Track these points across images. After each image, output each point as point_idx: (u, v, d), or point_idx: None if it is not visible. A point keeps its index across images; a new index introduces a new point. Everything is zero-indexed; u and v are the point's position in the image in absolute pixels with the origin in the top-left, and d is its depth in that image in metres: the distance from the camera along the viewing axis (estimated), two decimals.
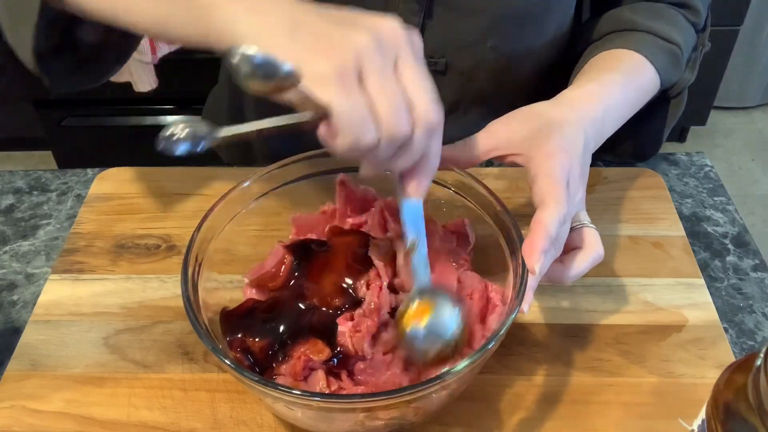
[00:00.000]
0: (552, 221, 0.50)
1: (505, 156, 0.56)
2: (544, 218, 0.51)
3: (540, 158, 0.53)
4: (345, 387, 0.51)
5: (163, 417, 0.56)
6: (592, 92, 0.62)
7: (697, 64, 0.76)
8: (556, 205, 0.51)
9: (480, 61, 0.76)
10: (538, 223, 0.51)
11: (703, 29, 0.76)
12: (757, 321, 0.63)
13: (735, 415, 0.42)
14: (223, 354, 0.48)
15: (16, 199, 0.75)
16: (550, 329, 0.61)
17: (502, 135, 0.56)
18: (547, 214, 0.51)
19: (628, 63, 0.68)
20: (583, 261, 0.55)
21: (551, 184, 0.52)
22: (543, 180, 0.52)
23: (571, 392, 0.57)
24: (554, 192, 0.51)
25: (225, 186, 0.59)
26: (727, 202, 0.75)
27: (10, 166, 2.07)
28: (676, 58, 0.71)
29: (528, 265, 0.50)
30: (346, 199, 0.62)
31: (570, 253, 0.55)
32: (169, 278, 0.66)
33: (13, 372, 0.59)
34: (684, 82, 0.73)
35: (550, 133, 0.54)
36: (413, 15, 0.72)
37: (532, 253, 0.50)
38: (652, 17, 0.72)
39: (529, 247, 0.50)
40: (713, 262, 0.68)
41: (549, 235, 0.50)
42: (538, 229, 0.50)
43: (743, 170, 2.10)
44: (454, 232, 0.60)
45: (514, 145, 0.56)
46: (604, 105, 0.61)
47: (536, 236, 0.50)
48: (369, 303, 0.52)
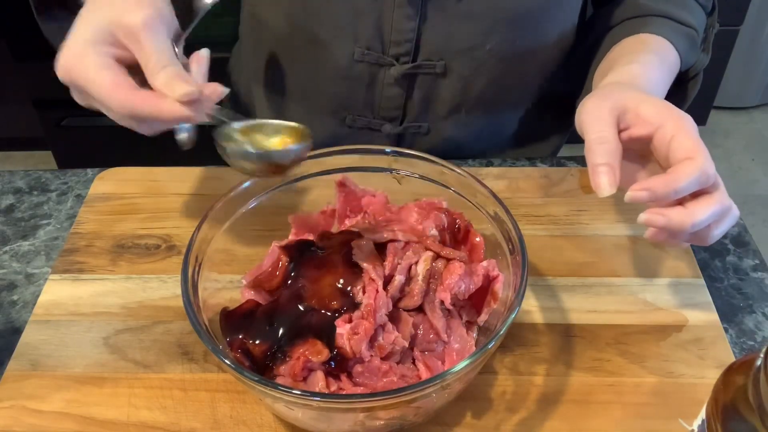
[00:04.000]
0: (706, 166, 0.52)
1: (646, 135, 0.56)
2: (697, 163, 0.52)
3: (673, 121, 0.54)
4: (344, 387, 0.51)
5: (163, 417, 0.56)
6: (639, 73, 0.64)
7: (710, 45, 0.77)
8: (704, 158, 0.52)
9: (479, 64, 0.76)
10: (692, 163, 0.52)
11: (712, 11, 0.78)
12: (757, 321, 0.63)
13: (735, 415, 0.42)
14: (223, 354, 0.48)
15: (16, 199, 0.75)
16: (550, 329, 0.61)
17: (650, 113, 0.56)
18: (697, 162, 0.52)
19: (657, 46, 0.70)
20: (710, 204, 0.53)
21: (693, 140, 0.53)
22: (684, 138, 0.53)
23: (571, 392, 0.57)
24: (699, 147, 0.53)
25: (225, 186, 0.59)
26: None
27: (10, 166, 2.07)
28: (693, 41, 0.73)
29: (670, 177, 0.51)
30: (345, 199, 0.62)
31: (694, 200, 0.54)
32: (169, 278, 0.66)
33: (13, 372, 0.59)
34: (701, 64, 0.76)
35: (664, 102, 0.56)
36: (408, 20, 0.72)
37: (677, 178, 0.51)
38: (665, 2, 0.73)
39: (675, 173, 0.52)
40: (713, 262, 0.68)
41: (706, 172, 0.52)
42: (689, 167, 0.52)
43: (743, 170, 2.10)
44: None
45: (656, 120, 0.55)
46: (652, 84, 0.63)
47: (684, 170, 0.52)
48: (366, 305, 0.52)
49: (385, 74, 0.77)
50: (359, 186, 0.62)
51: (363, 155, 0.62)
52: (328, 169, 0.62)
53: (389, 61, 0.75)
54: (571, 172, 0.76)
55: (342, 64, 0.77)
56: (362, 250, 0.54)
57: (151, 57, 0.53)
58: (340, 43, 0.76)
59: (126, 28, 0.54)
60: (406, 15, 0.72)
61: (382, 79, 0.77)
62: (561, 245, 0.68)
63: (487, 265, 0.56)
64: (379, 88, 0.79)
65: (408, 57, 0.75)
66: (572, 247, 0.68)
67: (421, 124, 0.82)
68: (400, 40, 0.74)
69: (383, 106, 0.80)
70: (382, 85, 0.78)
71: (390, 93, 0.79)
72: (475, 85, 0.78)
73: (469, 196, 0.60)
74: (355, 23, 0.74)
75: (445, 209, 0.59)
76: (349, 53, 0.76)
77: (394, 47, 0.75)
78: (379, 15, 0.73)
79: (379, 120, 0.82)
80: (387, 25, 0.73)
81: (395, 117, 0.81)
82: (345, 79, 0.79)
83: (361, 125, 0.82)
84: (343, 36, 0.75)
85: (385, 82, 0.77)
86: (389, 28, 0.73)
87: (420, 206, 0.59)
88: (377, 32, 0.74)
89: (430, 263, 0.55)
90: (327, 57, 0.78)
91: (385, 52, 0.75)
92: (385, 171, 0.63)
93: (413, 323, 0.54)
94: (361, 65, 0.77)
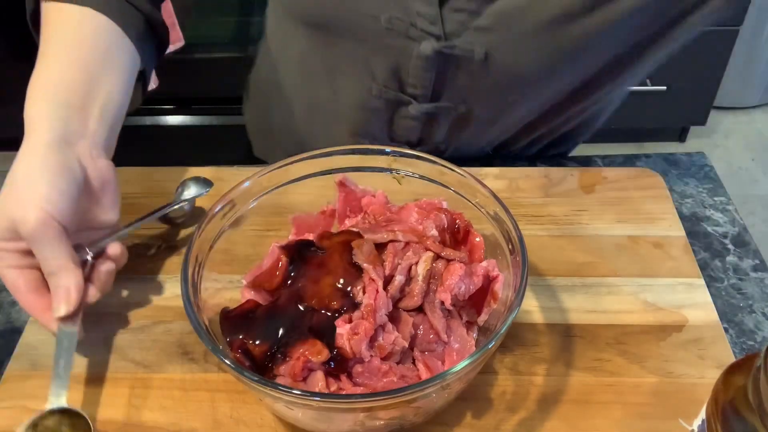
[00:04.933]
0: None
1: None
2: None
3: None
4: (344, 387, 0.51)
5: (163, 417, 0.56)
6: None
7: None
8: None
9: (501, 112, 0.75)
10: None
11: None
12: (757, 321, 0.63)
13: (735, 415, 0.42)
14: (223, 354, 0.48)
15: None
16: (550, 329, 0.61)
17: None
18: None
19: None
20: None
21: None
22: None
23: (571, 392, 0.57)
24: None
25: (225, 186, 0.59)
26: (727, 202, 0.75)
27: (10, 166, 2.06)
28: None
29: None
30: (345, 199, 0.62)
31: None
32: (169, 278, 0.66)
33: (13, 372, 0.59)
34: None
35: None
36: (425, 71, 0.71)
37: None
38: None
39: None
40: (713, 262, 0.68)
41: None
42: None
43: (743, 170, 2.10)
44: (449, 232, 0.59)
45: None
46: None
47: None
48: (366, 305, 0.52)
49: (403, 110, 0.76)
50: (359, 186, 0.62)
51: (363, 155, 0.62)
52: (328, 169, 0.62)
53: (407, 100, 0.74)
54: (571, 172, 0.76)
55: (359, 97, 0.76)
56: (362, 250, 0.54)
57: (46, 261, 0.56)
58: (357, 77, 0.75)
59: (25, 235, 0.55)
60: (423, 68, 0.70)
61: (400, 113, 0.76)
62: (561, 245, 0.68)
63: (487, 265, 0.56)
64: (396, 120, 0.78)
65: (426, 98, 0.74)
66: (572, 247, 0.68)
67: (442, 151, 0.81)
68: (417, 85, 0.72)
69: (400, 134, 0.80)
70: (399, 118, 0.77)
71: (407, 126, 0.78)
72: (497, 127, 0.77)
73: (469, 196, 0.60)
74: (372, 62, 0.73)
75: (445, 209, 0.59)
76: (366, 88, 0.75)
77: (411, 88, 0.73)
78: (396, 61, 0.72)
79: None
80: (404, 71, 0.72)
81: (412, 143, 0.81)
82: (362, 109, 0.78)
83: None
84: (359, 71, 0.74)
85: (403, 116, 0.76)
86: (406, 74, 0.72)
87: (420, 206, 0.59)
88: (394, 75, 0.73)
89: (430, 264, 0.55)
90: (345, 86, 0.77)
91: (403, 91, 0.74)
92: (385, 171, 0.63)
93: (413, 323, 0.54)
94: (379, 100, 0.76)
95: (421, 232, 0.57)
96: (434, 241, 0.56)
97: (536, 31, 0.64)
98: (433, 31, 0.66)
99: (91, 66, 0.62)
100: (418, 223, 0.57)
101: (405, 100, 0.74)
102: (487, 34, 0.65)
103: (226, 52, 1.73)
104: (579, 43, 0.66)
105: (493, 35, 0.65)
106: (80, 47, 0.62)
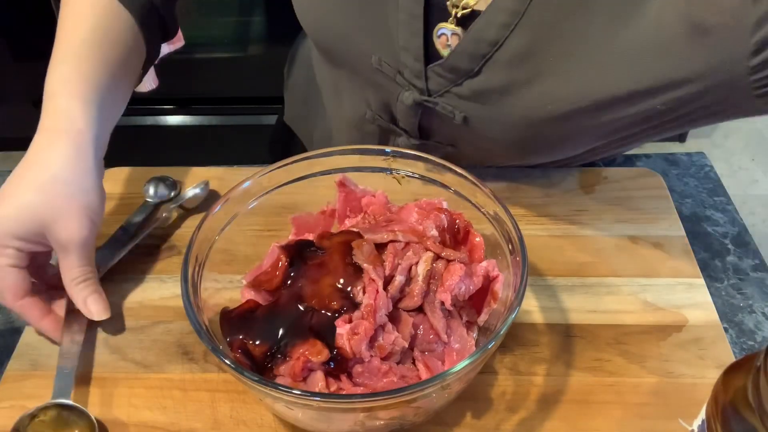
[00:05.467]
0: None
1: None
2: None
3: None
4: (344, 387, 0.51)
5: (163, 417, 0.56)
6: None
7: None
8: None
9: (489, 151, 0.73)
10: None
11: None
12: (757, 321, 0.63)
13: (735, 415, 0.42)
14: (223, 354, 0.48)
15: None
16: (550, 329, 0.62)
17: None
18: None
19: None
20: None
21: None
22: None
23: (571, 392, 0.57)
24: None
25: (225, 186, 0.59)
26: (727, 202, 0.75)
27: (10, 166, 2.07)
28: None
29: None
30: (345, 199, 0.62)
31: None
32: (169, 278, 0.66)
33: (13, 372, 0.59)
34: None
35: None
36: (410, 116, 0.70)
37: None
38: None
39: None
40: (713, 262, 0.68)
41: None
42: None
43: (743, 170, 2.10)
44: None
45: None
46: None
47: None
48: (366, 305, 0.52)
49: (395, 140, 0.76)
50: (359, 186, 0.62)
51: (363, 155, 0.62)
52: (328, 169, 0.62)
53: (398, 132, 0.74)
54: (571, 172, 0.76)
55: (356, 119, 0.77)
56: (362, 251, 0.54)
57: (74, 269, 0.56)
58: (356, 100, 0.76)
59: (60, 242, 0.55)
60: (408, 112, 0.70)
61: (394, 141, 0.76)
62: (561, 245, 0.68)
63: (487, 265, 0.56)
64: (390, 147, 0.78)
65: (416, 135, 0.73)
66: (572, 247, 0.68)
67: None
68: (406, 124, 0.72)
69: None
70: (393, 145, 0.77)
71: None
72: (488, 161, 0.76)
73: (469, 196, 0.60)
74: (367, 92, 0.73)
75: (445, 209, 0.59)
76: (363, 112, 0.75)
77: (402, 122, 0.73)
78: (387, 97, 0.72)
79: None
80: (393, 107, 0.72)
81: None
82: (359, 130, 0.78)
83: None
84: (358, 96, 0.75)
85: (396, 144, 0.76)
86: (395, 110, 0.72)
87: (420, 206, 0.59)
88: (385, 108, 0.73)
89: (430, 264, 0.55)
90: (346, 105, 0.78)
91: (395, 123, 0.74)
92: (385, 171, 0.63)
93: (413, 323, 0.54)
94: (373, 125, 0.76)
95: (421, 232, 0.57)
96: (434, 241, 0.56)
97: (512, 120, 0.64)
98: (417, 84, 0.66)
99: (116, 69, 0.62)
100: (418, 223, 0.57)
101: (396, 132, 0.74)
102: (466, 102, 0.65)
103: (226, 52, 1.73)
104: (556, 137, 0.65)
105: (471, 105, 0.65)
106: (110, 47, 0.62)
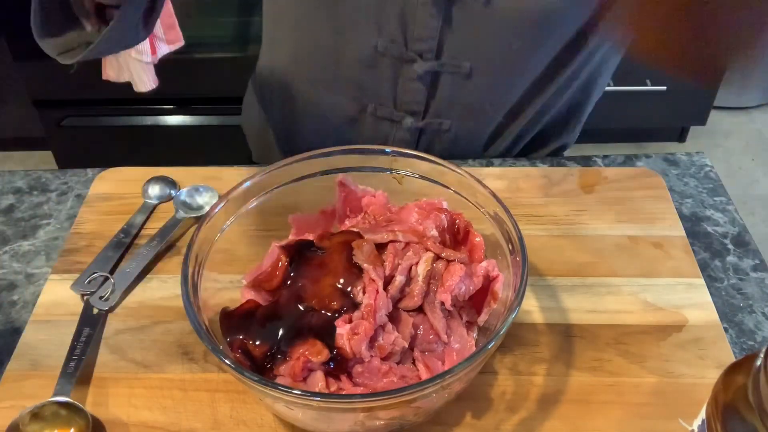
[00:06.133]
0: None
1: None
2: None
3: None
4: (344, 387, 0.51)
5: (163, 417, 0.56)
6: None
7: None
8: None
9: (505, 65, 0.75)
10: None
11: None
12: (757, 321, 0.63)
13: (735, 415, 0.42)
14: (223, 354, 0.48)
15: (16, 199, 0.75)
16: (550, 329, 0.62)
17: None
18: None
19: None
20: None
21: None
22: None
23: (571, 392, 0.57)
24: None
25: (225, 186, 0.59)
26: (727, 202, 0.75)
27: (10, 166, 2.07)
28: None
29: None
30: (345, 199, 0.62)
31: None
32: (169, 278, 0.66)
33: (13, 372, 0.59)
34: None
35: None
36: (432, 18, 0.72)
37: None
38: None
39: None
40: (713, 262, 0.68)
41: None
42: None
43: (743, 170, 2.10)
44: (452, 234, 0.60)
45: None
46: None
47: None
48: (366, 305, 0.52)
49: (408, 70, 0.76)
50: (359, 186, 0.62)
51: (363, 155, 0.62)
52: (328, 169, 0.62)
53: (412, 57, 0.74)
54: (571, 172, 0.76)
55: (365, 54, 0.77)
56: (362, 251, 0.54)
57: None
58: (363, 33, 0.75)
59: None
60: (430, 14, 0.71)
61: (405, 73, 0.76)
62: (561, 245, 0.68)
63: (487, 266, 0.56)
64: (401, 82, 0.78)
65: (431, 54, 0.74)
66: (572, 247, 0.68)
67: (443, 121, 0.81)
68: (424, 36, 0.73)
69: (405, 100, 0.80)
70: (404, 80, 0.77)
71: (412, 88, 0.78)
72: (501, 86, 0.78)
73: (469, 196, 0.60)
74: (379, 14, 0.73)
75: (445, 209, 0.59)
76: (372, 44, 0.75)
77: (417, 43, 0.74)
78: (403, 9, 0.72)
79: (400, 113, 0.81)
80: (411, 20, 0.72)
81: (417, 112, 0.81)
82: (367, 69, 0.78)
83: (381, 115, 0.82)
84: (366, 25, 0.75)
85: (408, 77, 0.76)
86: (413, 24, 0.73)
87: (420, 206, 0.59)
88: (400, 26, 0.73)
89: (430, 264, 0.55)
90: (350, 45, 0.77)
91: (408, 47, 0.74)
92: (385, 171, 0.63)
93: (413, 324, 0.54)
94: (384, 58, 0.76)
95: (421, 232, 0.57)
96: (434, 241, 0.56)
97: None
98: None
99: None
100: (418, 223, 0.58)
101: (410, 57, 0.74)
102: None
103: (226, 52, 1.73)
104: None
105: None
106: None
